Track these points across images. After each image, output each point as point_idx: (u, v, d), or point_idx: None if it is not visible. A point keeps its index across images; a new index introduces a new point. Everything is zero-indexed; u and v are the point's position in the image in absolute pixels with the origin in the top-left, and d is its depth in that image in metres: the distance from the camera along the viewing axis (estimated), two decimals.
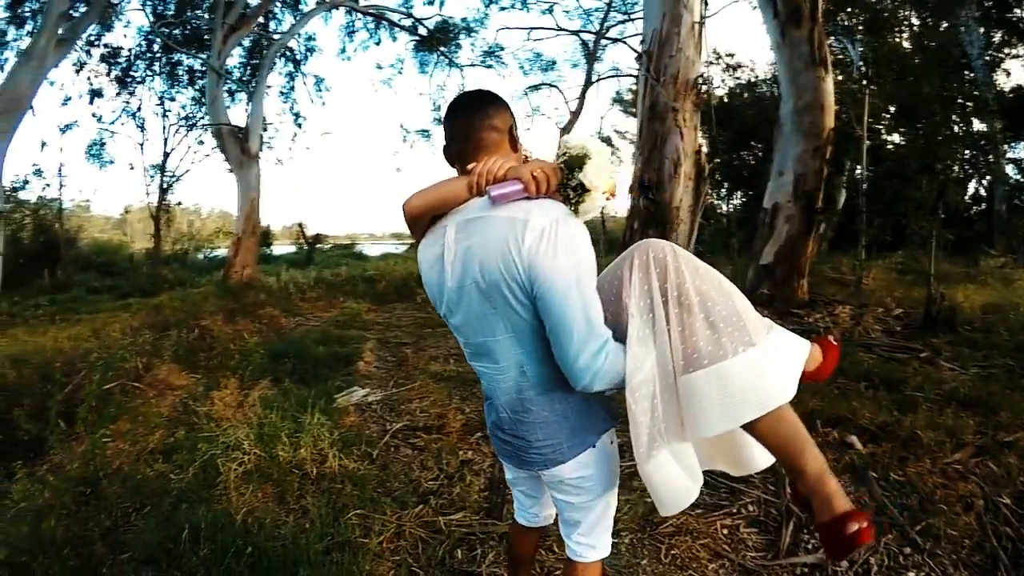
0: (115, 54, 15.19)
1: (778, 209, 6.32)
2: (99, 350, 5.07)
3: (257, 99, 12.56)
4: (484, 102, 1.34)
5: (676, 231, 4.10)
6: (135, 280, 14.71)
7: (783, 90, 6.35)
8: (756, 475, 2.83)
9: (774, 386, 1.17)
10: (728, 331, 1.19)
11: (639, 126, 4.33)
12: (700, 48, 3.96)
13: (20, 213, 16.24)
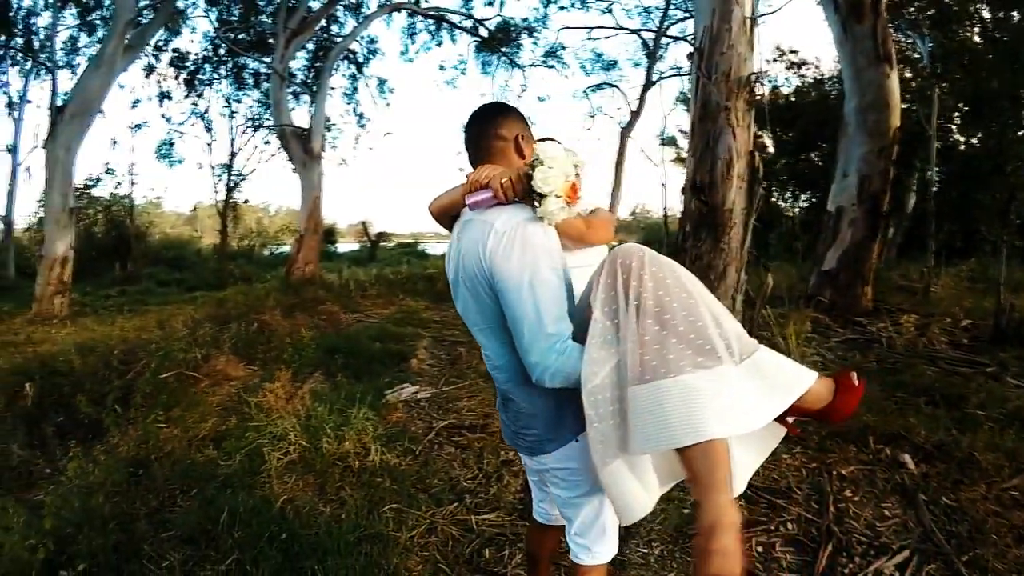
0: (183, 58, 15.90)
1: (842, 212, 6.05)
2: (161, 340, 5.34)
3: (319, 101, 12.92)
4: (492, 113, 1.48)
5: (728, 234, 3.95)
6: (202, 274, 15.40)
7: (847, 87, 6.07)
8: (799, 491, 2.70)
9: (705, 417, 1.06)
10: (678, 348, 1.12)
11: (691, 126, 4.20)
12: (753, 44, 3.80)
13: (93, 209, 17.31)
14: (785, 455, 3.04)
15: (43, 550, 2.19)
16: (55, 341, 5.75)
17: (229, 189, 18.49)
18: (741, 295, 4.11)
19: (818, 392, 1.24)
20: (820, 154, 12.66)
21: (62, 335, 6.25)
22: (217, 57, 16.08)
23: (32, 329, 6.72)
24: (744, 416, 1.10)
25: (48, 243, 8.28)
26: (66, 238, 8.35)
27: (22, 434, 3.40)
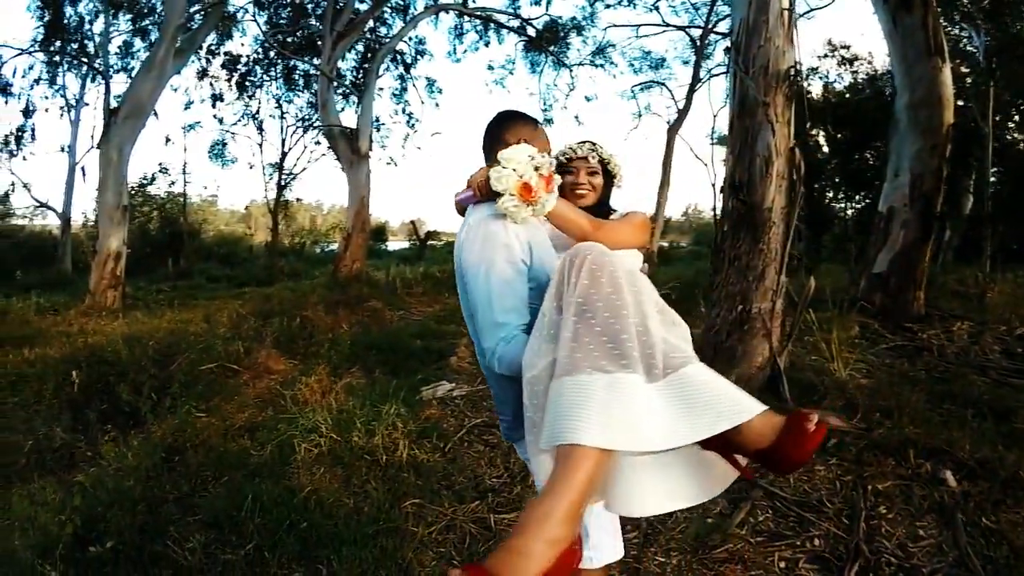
0: (234, 61, 16.51)
1: (893, 213, 5.79)
2: (204, 334, 5.53)
3: (367, 101, 13.15)
4: (500, 120, 1.60)
5: (768, 234, 3.80)
6: (252, 271, 15.90)
7: (897, 83, 5.80)
8: (831, 505, 2.57)
9: (582, 421, 0.98)
10: (587, 348, 1.06)
11: (730, 122, 4.07)
12: (792, 37, 3.64)
13: (148, 207, 18.10)
14: (819, 466, 2.89)
15: (70, 525, 2.29)
16: (105, 332, 6.01)
17: (280, 188, 19.06)
18: (781, 298, 3.95)
19: (760, 430, 1.06)
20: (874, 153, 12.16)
21: (112, 327, 6.52)
22: (267, 59, 16.56)
23: (85, 321, 7.05)
24: (636, 433, 0.99)
25: (102, 239, 8.68)
26: (119, 235, 8.74)
27: (67, 418, 3.56)
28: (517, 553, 0.89)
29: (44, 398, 3.67)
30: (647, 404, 1.02)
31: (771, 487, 2.75)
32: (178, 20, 8.78)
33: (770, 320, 3.86)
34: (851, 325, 4.53)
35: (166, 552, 2.34)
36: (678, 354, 1.09)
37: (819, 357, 4.11)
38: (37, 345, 4.92)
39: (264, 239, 23.43)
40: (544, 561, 0.89)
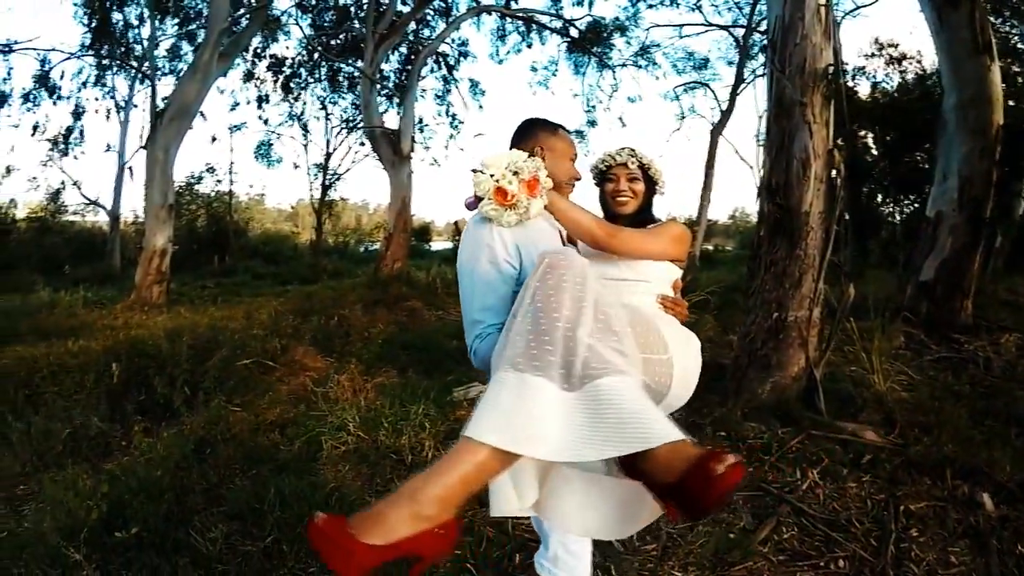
0: (279, 64, 16.93)
1: (941, 218, 5.52)
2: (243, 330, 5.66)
3: (408, 103, 13.30)
4: (520, 129, 1.65)
5: (805, 240, 3.66)
6: (296, 269, 16.20)
7: (944, 82, 5.54)
8: (859, 525, 2.44)
9: (482, 417, 0.98)
10: (515, 345, 1.06)
11: (767, 123, 3.94)
12: (830, 34, 3.49)
13: (195, 205, 18.71)
14: (852, 483, 2.77)
15: (97, 511, 2.36)
16: (147, 327, 6.20)
17: (324, 188, 19.47)
18: (819, 306, 3.80)
19: (666, 462, 0.94)
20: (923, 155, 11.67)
21: (155, 322, 6.74)
22: (312, 62, 16.92)
23: (130, 315, 7.29)
24: (532, 438, 0.95)
25: (148, 237, 8.98)
26: (165, 232, 9.03)
27: (105, 408, 3.68)
28: (378, 517, 0.91)
29: (85, 388, 3.80)
30: (552, 410, 0.98)
31: (799, 503, 2.64)
32: (222, 24, 9.02)
33: (806, 329, 3.72)
34: (895, 335, 4.33)
35: (188, 540, 2.39)
36: (599, 364, 1.03)
37: (859, 368, 3.95)
38: (82, 337, 5.12)
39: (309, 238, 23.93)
40: (401, 532, 0.89)
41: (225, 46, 9.57)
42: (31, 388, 3.69)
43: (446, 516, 0.95)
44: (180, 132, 9.14)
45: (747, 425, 3.57)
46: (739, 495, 2.86)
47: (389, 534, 0.90)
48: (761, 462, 3.16)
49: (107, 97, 16.68)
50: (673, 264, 1.66)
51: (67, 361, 4.02)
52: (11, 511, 2.69)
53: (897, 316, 4.98)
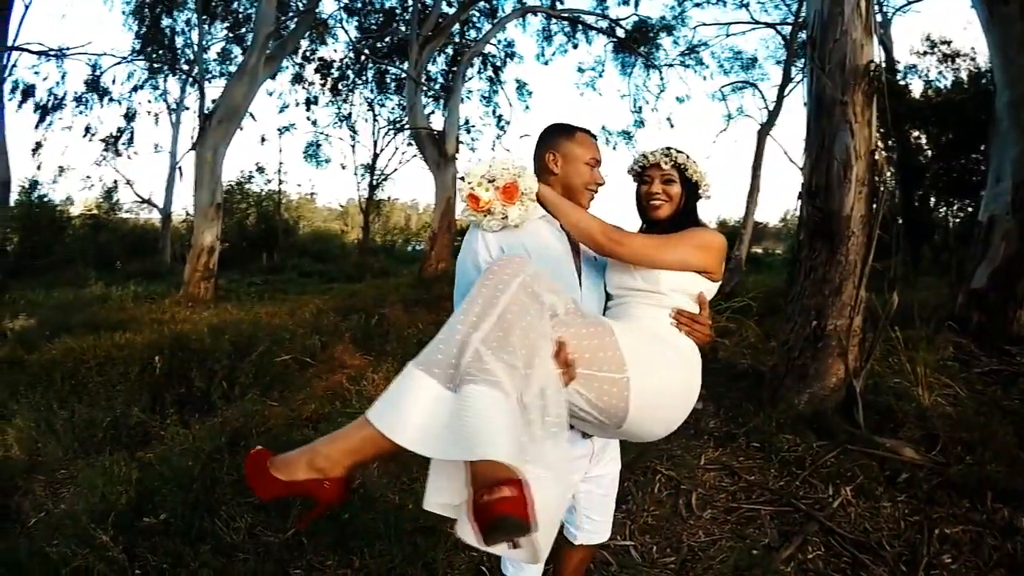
0: (327, 66, 17.40)
1: (994, 223, 5.19)
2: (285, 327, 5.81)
3: (452, 104, 13.46)
4: (539, 137, 1.64)
5: (846, 244, 3.50)
6: (343, 267, 16.55)
7: (997, 79, 5.20)
8: (890, 548, 2.31)
9: (382, 402, 1.09)
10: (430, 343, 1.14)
11: (807, 124, 3.80)
12: (871, 29, 3.32)
13: (246, 203, 19.36)
14: (886, 503, 2.63)
15: (126, 496, 2.46)
16: (193, 322, 6.44)
17: (371, 188, 19.89)
18: (860, 314, 3.63)
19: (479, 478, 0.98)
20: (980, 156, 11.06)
21: (201, 317, 6.98)
22: (359, 64, 17.31)
23: (177, 310, 7.57)
24: (398, 427, 1.05)
25: (196, 234, 9.32)
26: (213, 230, 9.37)
27: (145, 399, 3.84)
28: (287, 460, 1.09)
29: (128, 380, 3.97)
30: (424, 406, 1.05)
31: (828, 521, 2.53)
32: (268, 28, 9.30)
33: (846, 338, 3.56)
34: (943, 346, 4.09)
35: (214, 529, 2.48)
36: (477, 371, 1.06)
37: (903, 381, 3.75)
38: (130, 331, 5.34)
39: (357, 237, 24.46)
40: (299, 476, 1.07)
41: (272, 49, 9.86)
42: (77, 378, 3.88)
43: (334, 473, 1.08)
44: (228, 134, 9.46)
45: (781, 437, 3.45)
46: (766, 510, 2.77)
47: (291, 474, 1.07)
48: (793, 476, 3.05)
49: (159, 100, 17.58)
50: (701, 276, 1.51)
51: (113, 353, 4.21)
52: (51, 494, 2.84)
53: (946, 326, 4.71)
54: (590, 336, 1.25)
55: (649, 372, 1.32)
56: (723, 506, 2.88)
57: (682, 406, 1.43)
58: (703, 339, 1.49)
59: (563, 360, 1.19)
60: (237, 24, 15.46)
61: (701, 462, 3.38)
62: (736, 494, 3.00)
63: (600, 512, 1.71)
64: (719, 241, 1.54)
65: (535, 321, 1.14)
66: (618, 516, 2.81)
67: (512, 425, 1.02)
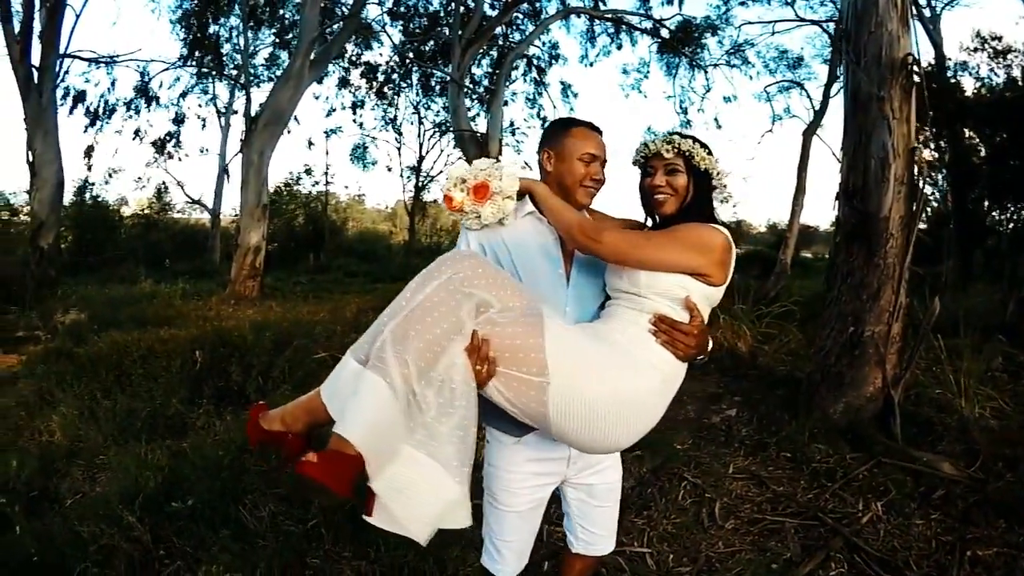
0: (373, 70, 17.80)
1: None
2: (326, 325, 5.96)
3: (495, 107, 13.52)
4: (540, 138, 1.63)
5: (884, 247, 3.35)
6: (389, 268, 16.82)
7: None
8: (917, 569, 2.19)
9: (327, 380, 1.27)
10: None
11: (843, 121, 3.65)
12: (907, 20, 3.15)
13: (294, 204, 19.92)
14: (918, 520, 2.50)
15: (153, 480, 2.57)
16: (237, 318, 6.67)
17: (417, 189, 20.21)
18: (900, 320, 3.46)
19: (332, 442, 1.13)
20: None
21: (245, 314, 7.22)
22: (404, 67, 17.61)
23: (222, 307, 7.85)
24: (331, 397, 1.24)
25: (243, 234, 9.64)
26: (259, 230, 9.69)
27: (185, 392, 4.00)
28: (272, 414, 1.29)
29: (169, 372, 4.15)
30: (345, 380, 1.23)
31: (855, 537, 2.42)
32: (312, 34, 9.56)
33: (884, 345, 3.40)
34: (991, 356, 3.86)
35: (238, 516, 2.56)
36: (375, 357, 1.18)
37: (946, 391, 3.56)
38: (175, 326, 5.58)
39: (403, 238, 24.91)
40: (274, 427, 1.27)
41: (316, 55, 10.13)
42: (121, 370, 4.08)
43: (296, 428, 1.27)
44: (274, 137, 9.77)
45: (814, 447, 3.34)
46: (791, 523, 2.67)
47: (270, 425, 1.28)
48: (823, 488, 2.94)
49: (209, 104, 18.30)
50: (696, 279, 1.35)
51: (156, 347, 4.40)
52: (88, 478, 3.00)
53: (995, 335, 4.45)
54: (514, 336, 1.22)
55: (578, 381, 1.24)
56: (747, 517, 2.80)
57: (631, 423, 1.30)
58: (684, 352, 1.32)
59: (482, 356, 1.20)
60: (283, 30, 15.90)
61: (729, 470, 3.29)
62: (762, 505, 2.91)
63: (597, 524, 1.66)
64: (717, 240, 1.36)
65: (447, 317, 1.18)
66: (638, 522, 2.79)
67: (381, 412, 1.13)
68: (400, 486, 1.16)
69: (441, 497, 1.19)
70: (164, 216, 20.02)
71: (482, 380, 1.22)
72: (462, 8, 14.18)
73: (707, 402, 4.57)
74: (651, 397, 1.31)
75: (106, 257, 14.27)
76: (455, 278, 1.21)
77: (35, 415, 3.65)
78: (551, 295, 1.45)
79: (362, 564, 2.37)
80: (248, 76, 15.64)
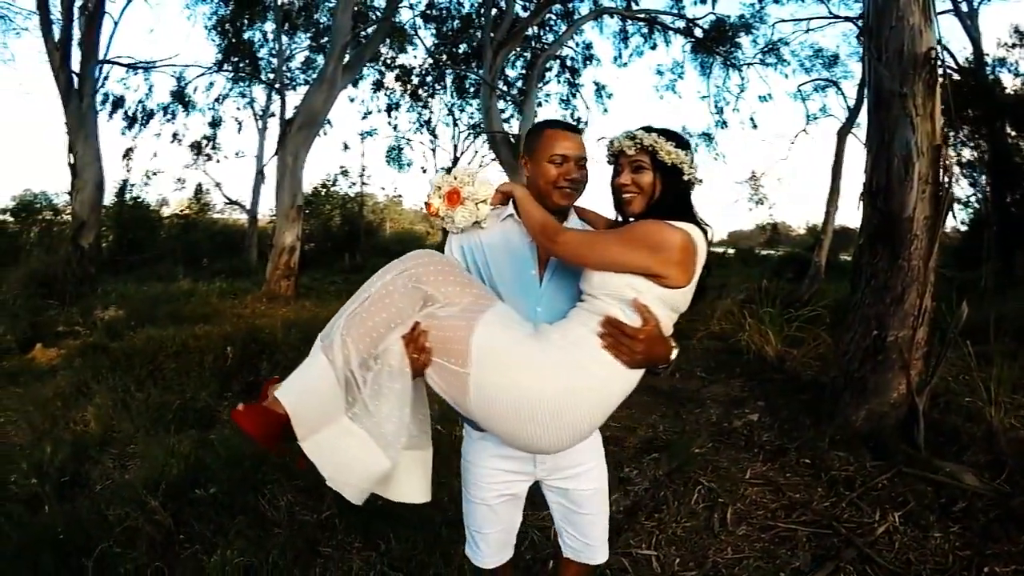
0: (407, 73, 18.02)
1: None
2: None
3: (528, 108, 13.58)
4: None
5: (909, 249, 3.24)
6: None
7: None
8: None
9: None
10: None
11: (867, 118, 3.56)
12: (929, 13, 3.04)
13: (329, 205, 20.37)
14: (936, 533, 2.43)
15: (176, 468, 2.70)
16: (270, 316, 6.89)
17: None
18: (925, 325, 3.35)
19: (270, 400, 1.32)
20: None
21: (279, 312, 7.45)
22: (438, 70, 17.80)
23: (258, 305, 8.13)
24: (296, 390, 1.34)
25: (278, 235, 9.91)
26: (294, 231, 9.93)
27: (215, 386, 4.17)
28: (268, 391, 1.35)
29: (202, 368, 4.33)
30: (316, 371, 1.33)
31: (868, 548, 2.36)
32: (344, 38, 9.76)
33: (909, 351, 3.30)
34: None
35: (256, 504, 2.67)
36: (326, 338, 1.33)
37: (975, 399, 3.43)
38: (209, 323, 5.80)
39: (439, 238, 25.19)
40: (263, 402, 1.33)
41: (350, 58, 10.34)
42: (155, 364, 4.28)
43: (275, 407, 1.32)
44: (308, 139, 10.01)
45: (833, 454, 3.27)
46: (804, 531, 2.62)
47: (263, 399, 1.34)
48: (840, 497, 2.87)
49: (247, 107, 18.84)
50: (650, 280, 1.28)
51: (190, 343, 4.59)
52: (119, 465, 3.17)
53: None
54: (447, 328, 1.30)
55: (496, 375, 1.27)
56: (759, 523, 2.75)
57: (548, 423, 1.28)
58: (628, 357, 1.27)
59: (418, 346, 1.30)
60: (318, 34, 16.26)
61: (746, 476, 3.25)
62: (776, 512, 2.86)
63: (583, 532, 1.62)
64: (672, 238, 1.26)
65: (390, 307, 1.31)
66: (647, 525, 2.78)
67: (316, 383, 1.30)
68: (330, 451, 1.29)
69: (370, 468, 1.29)
70: (203, 216, 20.72)
71: (418, 367, 1.31)
72: (494, 10, 14.27)
73: (730, 406, 4.51)
74: (574, 399, 1.29)
75: (146, 256, 14.85)
76: (406, 273, 1.34)
77: (71, 406, 3.86)
78: (522, 296, 1.48)
79: (372, 555, 2.44)
80: (283, 80, 16.07)
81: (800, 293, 9.07)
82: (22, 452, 3.21)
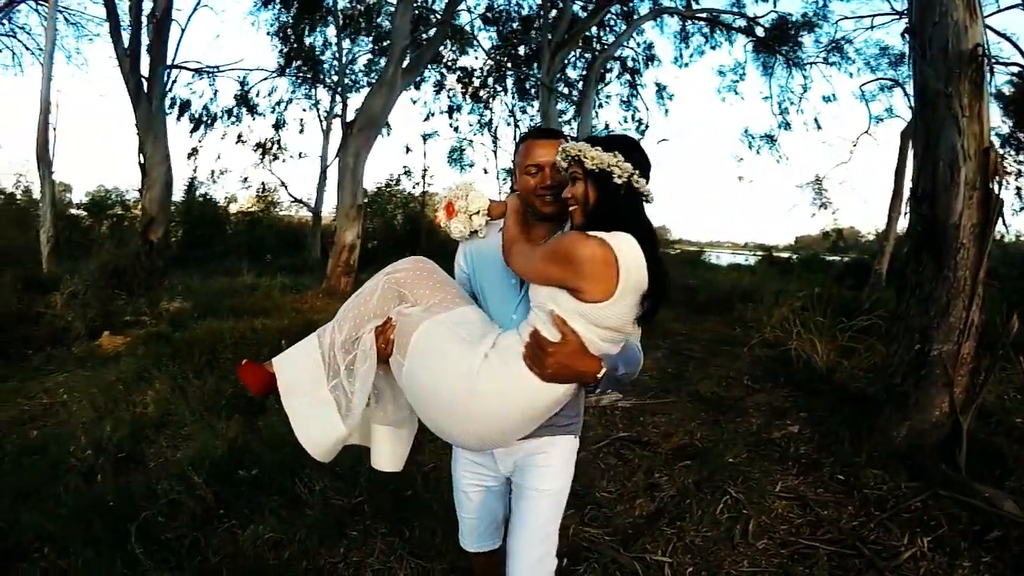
0: (468, 74, 18.32)
1: None
2: None
3: (585, 109, 13.58)
4: None
5: (955, 258, 3.06)
6: None
7: None
8: None
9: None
10: None
11: (913, 120, 3.41)
12: (975, 9, 2.85)
13: (392, 204, 20.96)
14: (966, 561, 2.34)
15: (221, 448, 2.94)
16: (328, 312, 7.17)
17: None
18: (972, 339, 3.16)
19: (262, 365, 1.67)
20: None
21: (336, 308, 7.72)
22: (499, 72, 17.98)
23: (317, 301, 8.49)
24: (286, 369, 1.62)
25: (339, 233, 10.27)
26: (354, 229, 10.28)
27: None
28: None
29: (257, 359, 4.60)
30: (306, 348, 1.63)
31: (890, 573, 2.29)
32: (404, 41, 9.97)
33: (953, 366, 3.14)
34: None
35: (292, 487, 2.86)
36: (324, 324, 1.63)
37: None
38: (270, 317, 6.14)
39: None
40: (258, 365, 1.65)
41: (409, 61, 10.57)
42: (214, 354, 4.61)
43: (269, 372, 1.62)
44: (369, 140, 10.32)
45: (868, 471, 3.17)
46: (826, 549, 2.56)
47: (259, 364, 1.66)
48: (870, 517, 2.78)
49: (312, 109, 19.51)
50: (568, 294, 1.27)
51: (248, 335, 4.91)
52: (172, 446, 3.47)
53: None
54: (404, 323, 1.50)
55: (419, 369, 1.45)
56: (781, 538, 2.70)
57: (472, 428, 1.39)
58: (539, 371, 1.29)
59: (385, 337, 1.52)
60: (380, 37, 16.59)
61: (776, 488, 3.18)
62: (801, 527, 2.80)
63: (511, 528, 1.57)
64: (585, 251, 1.22)
65: (372, 303, 1.55)
66: (667, 531, 2.78)
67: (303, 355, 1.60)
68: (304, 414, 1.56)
69: (327, 432, 1.55)
70: (268, 214, 21.65)
71: (384, 355, 1.53)
72: (552, 12, 14.30)
73: (772, 416, 4.40)
74: (486, 403, 1.36)
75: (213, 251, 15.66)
76: (391, 276, 1.57)
77: (132, 389, 4.20)
78: (502, 303, 1.57)
79: (395, 540, 2.58)
80: (345, 82, 16.60)
81: (859, 301, 8.66)
82: (84, 429, 3.52)
